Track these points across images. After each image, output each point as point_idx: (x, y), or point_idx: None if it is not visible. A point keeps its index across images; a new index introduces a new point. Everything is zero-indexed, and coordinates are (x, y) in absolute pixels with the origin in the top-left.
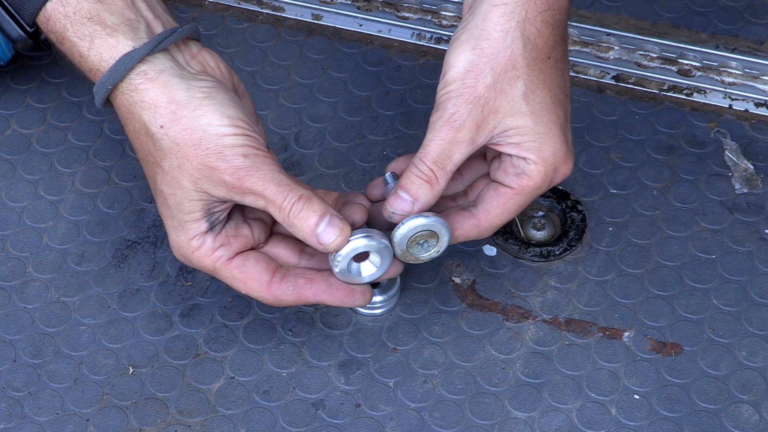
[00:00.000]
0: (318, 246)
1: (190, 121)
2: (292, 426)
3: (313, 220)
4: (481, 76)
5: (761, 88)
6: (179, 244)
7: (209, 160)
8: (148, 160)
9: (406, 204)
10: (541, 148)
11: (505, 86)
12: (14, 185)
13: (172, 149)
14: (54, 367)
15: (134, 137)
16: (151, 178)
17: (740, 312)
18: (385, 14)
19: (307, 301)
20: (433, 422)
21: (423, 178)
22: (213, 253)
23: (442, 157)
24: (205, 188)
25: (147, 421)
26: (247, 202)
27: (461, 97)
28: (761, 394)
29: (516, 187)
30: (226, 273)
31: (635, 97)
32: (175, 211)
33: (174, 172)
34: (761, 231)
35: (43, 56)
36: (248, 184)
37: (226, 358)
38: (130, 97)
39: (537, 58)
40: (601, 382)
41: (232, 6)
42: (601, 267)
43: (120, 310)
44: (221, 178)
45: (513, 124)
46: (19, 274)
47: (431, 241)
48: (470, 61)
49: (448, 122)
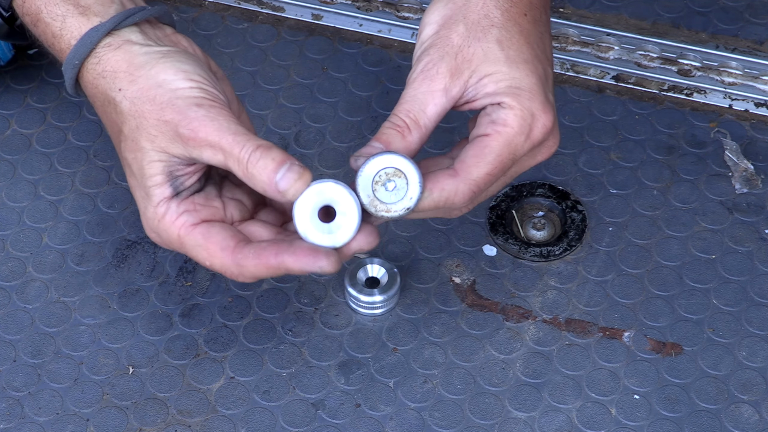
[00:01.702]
0: (277, 194)
1: (146, 80)
2: (292, 426)
3: (272, 167)
4: (454, 26)
5: (761, 88)
6: (146, 216)
7: (164, 113)
8: (113, 131)
9: (374, 149)
10: (517, 92)
11: (479, 34)
12: (14, 185)
13: (130, 110)
14: (54, 367)
15: (101, 112)
16: (118, 150)
17: (740, 312)
18: (385, 14)
19: (269, 264)
20: (433, 422)
21: (394, 128)
22: (177, 218)
23: (415, 108)
24: (163, 146)
25: (147, 421)
26: (205, 157)
27: (434, 47)
28: (761, 394)
29: (492, 132)
30: (190, 240)
31: (635, 97)
32: (140, 177)
33: (133, 133)
34: (761, 231)
35: (22, 43)
36: (203, 135)
37: (226, 358)
38: (94, 70)
39: (511, 10)
40: (601, 382)
41: (232, 6)
42: (601, 267)
43: (120, 310)
44: (176, 130)
45: (487, 71)
46: (19, 274)
47: (399, 182)
48: (443, 15)
49: (422, 73)
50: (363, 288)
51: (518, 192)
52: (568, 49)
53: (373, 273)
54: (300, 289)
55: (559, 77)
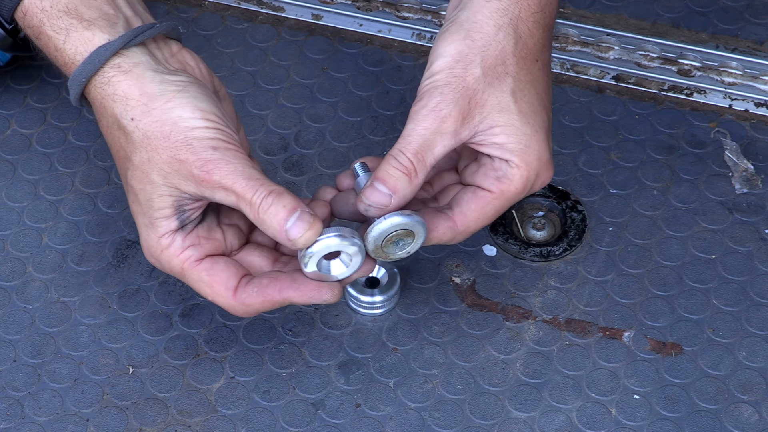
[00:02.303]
0: (287, 242)
1: (161, 113)
2: (292, 426)
3: (283, 215)
4: (470, 66)
5: (761, 88)
6: (149, 243)
7: (178, 152)
8: (119, 155)
9: (384, 197)
10: (526, 151)
11: (494, 80)
12: (14, 185)
13: (143, 142)
14: (54, 367)
15: (107, 132)
16: (122, 174)
17: (740, 312)
18: (385, 14)
19: (274, 300)
20: (433, 422)
21: (402, 170)
22: (182, 252)
23: (423, 149)
24: (174, 183)
25: (147, 421)
26: (218, 198)
27: (448, 85)
28: (761, 394)
29: (496, 191)
30: (193, 275)
31: (635, 97)
32: (146, 208)
33: (144, 166)
34: (761, 231)
35: (26, 55)
36: (217, 178)
37: (226, 358)
38: (102, 91)
39: (526, 57)
40: (601, 382)
41: (232, 6)
42: (601, 267)
43: (120, 310)
44: (190, 171)
45: (499, 121)
46: (19, 274)
47: (407, 240)
48: (459, 51)
49: (433, 111)
50: (363, 288)
51: None
52: (568, 49)
53: (373, 273)
54: None
55: (559, 77)
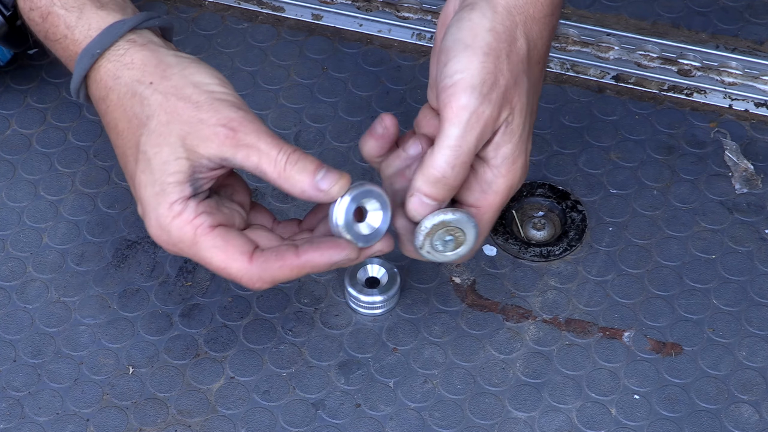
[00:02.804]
0: (318, 193)
1: (180, 78)
2: (292, 426)
3: (312, 168)
4: (499, 61)
5: (761, 88)
6: (158, 212)
7: (200, 112)
8: (131, 125)
9: (432, 208)
10: (516, 159)
11: (517, 78)
12: (14, 185)
13: (162, 105)
14: (54, 367)
15: (117, 105)
16: (132, 145)
17: (740, 312)
18: (385, 14)
19: (292, 265)
20: (433, 422)
21: (453, 184)
22: (195, 218)
23: (471, 157)
24: (193, 145)
25: (147, 421)
26: (238, 158)
27: (485, 83)
28: (761, 394)
29: (483, 206)
30: (207, 241)
31: (635, 97)
32: (158, 174)
33: (161, 128)
34: (761, 231)
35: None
36: (242, 135)
37: (226, 358)
38: (117, 61)
39: (534, 59)
40: (601, 382)
41: (232, 6)
42: (601, 267)
43: (120, 310)
44: (213, 130)
45: (515, 123)
46: (19, 274)
47: (455, 241)
48: (488, 43)
49: (476, 114)
50: (363, 288)
51: (518, 192)
52: (568, 49)
53: (373, 273)
54: (300, 289)
55: (559, 77)
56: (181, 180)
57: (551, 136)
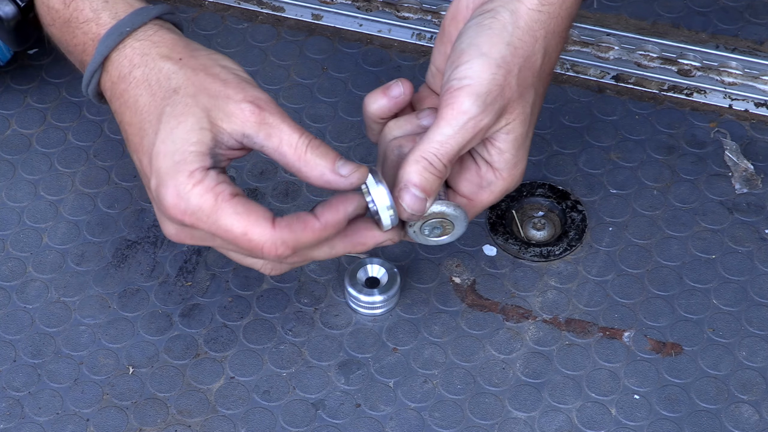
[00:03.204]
0: (337, 177)
1: (207, 59)
2: (292, 426)
3: (332, 156)
4: (509, 75)
5: (761, 88)
6: (177, 181)
7: (228, 89)
8: (156, 97)
9: (423, 203)
10: (516, 165)
11: (523, 91)
12: (14, 185)
13: (190, 77)
14: (54, 367)
15: (140, 81)
16: (151, 121)
17: (740, 312)
18: (385, 14)
19: (315, 228)
20: (433, 422)
21: (438, 175)
22: (216, 186)
23: (457, 155)
24: (218, 118)
25: (147, 421)
26: (260, 137)
27: (490, 94)
28: (761, 394)
29: (474, 200)
30: (228, 208)
31: (635, 97)
32: (180, 143)
33: (188, 99)
34: (761, 231)
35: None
36: (267, 114)
37: (226, 358)
38: (147, 40)
39: (546, 71)
40: (601, 382)
41: (232, 6)
42: (601, 267)
43: (120, 310)
44: (239, 106)
45: (518, 131)
46: (19, 274)
47: (444, 229)
48: (503, 56)
49: (474, 120)
50: (363, 288)
51: (518, 192)
52: (568, 49)
53: (373, 273)
54: (300, 289)
55: (559, 77)
56: (202, 151)
57: (551, 136)
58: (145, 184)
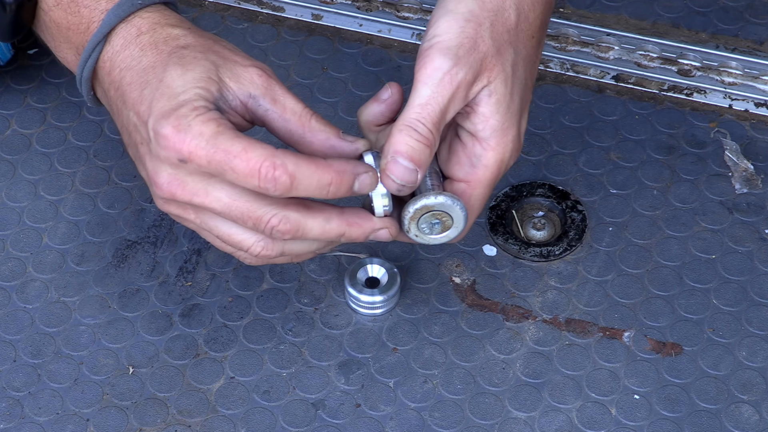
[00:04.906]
0: (342, 142)
1: (210, 37)
2: (292, 426)
3: (335, 128)
4: (480, 28)
5: (761, 88)
6: (179, 112)
7: (236, 56)
8: (162, 54)
9: (412, 173)
10: (505, 132)
11: (501, 47)
12: (14, 185)
13: (199, 41)
14: (54, 367)
15: (148, 45)
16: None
17: (740, 312)
18: (385, 14)
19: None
20: (433, 422)
21: (424, 142)
22: (220, 117)
23: (441, 117)
24: (225, 76)
25: (147, 421)
26: (266, 100)
27: (461, 47)
28: (761, 394)
29: (472, 180)
30: (230, 132)
31: (635, 97)
32: (186, 86)
33: (197, 54)
34: (761, 231)
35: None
36: (274, 81)
37: (226, 358)
38: (157, 13)
39: (526, 31)
40: (601, 382)
41: (232, 6)
42: (601, 267)
43: (120, 310)
44: (247, 69)
45: (496, 91)
46: (19, 274)
47: (443, 225)
48: (470, 11)
49: (449, 75)
50: (363, 288)
51: (518, 192)
52: (568, 49)
53: (373, 273)
54: (300, 289)
55: (559, 77)
56: (207, 97)
57: (551, 136)
58: (136, 142)
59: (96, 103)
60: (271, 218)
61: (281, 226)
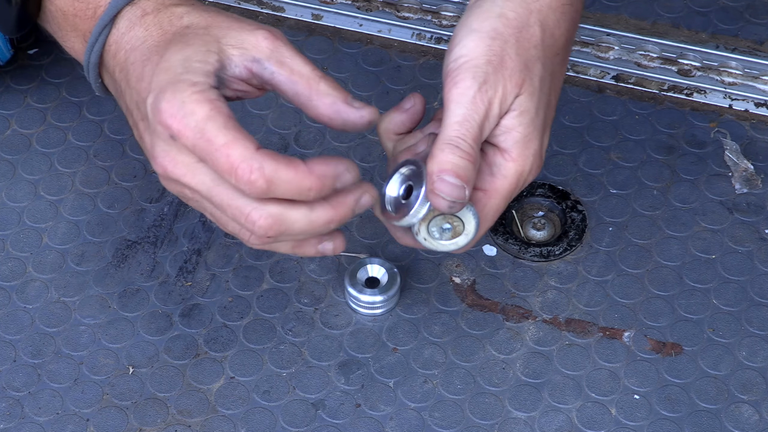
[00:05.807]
0: (349, 108)
1: (216, 12)
2: (292, 426)
3: (345, 92)
4: (507, 45)
5: (761, 88)
6: (177, 86)
7: (242, 23)
8: (166, 34)
9: (461, 190)
10: (526, 144)
11: (529, 62)
12: (14, 185)
13: (203, 15)
14: (54, 367)
15: (152, 23)
16: (157, 52)
17: (740, 312)
18: (385, 14)
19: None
20: (433, 422)
21: (468, 158)
22: (215, 99)
23: (479, 133)
24: (228, 45)
25: (147, 421)
26: (270, 63)
27: (489, 64)
28: (761, 394)
29: (489, 189)
30: (221, 119)
31: (635, 97)
32: (185, 61)
33: (199, 30)
34: (761, 231)
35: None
36: (282, 43)
37: (226, 358)
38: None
39: (552, 47)
40: (601, 382)
41: (232, 6)
42: (601, 267)
43: (120, 310)
44: (253, 32)
45: (522, 105)
46: (19, 274)
47: (454, 230)
48: (495, 28)
49: (480, 93)
50: (363, 288)
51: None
52: None
53: (373, 273)
54: (300, 289)
55: None
56: (207, 69)
57: (551, 136)
58: (137, 119)
59: (104, 91)
60: (251, 212)
61: (262, 221)
